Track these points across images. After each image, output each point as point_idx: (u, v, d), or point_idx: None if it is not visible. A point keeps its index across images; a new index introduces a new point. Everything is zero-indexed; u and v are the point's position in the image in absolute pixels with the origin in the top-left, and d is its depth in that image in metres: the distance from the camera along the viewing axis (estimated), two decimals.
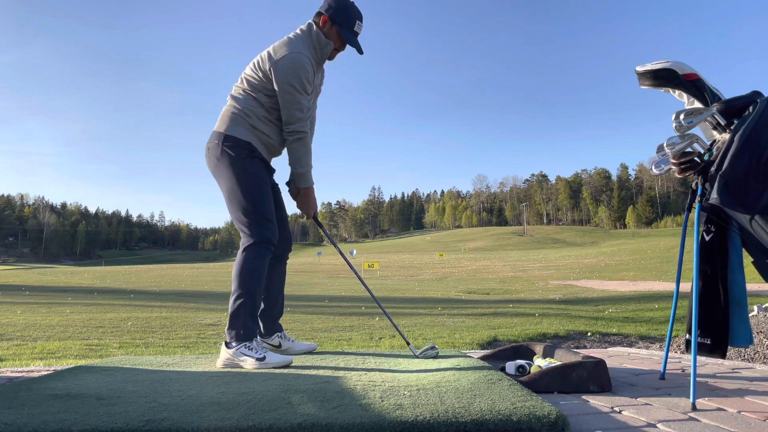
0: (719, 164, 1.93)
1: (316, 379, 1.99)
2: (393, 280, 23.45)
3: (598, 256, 41.85)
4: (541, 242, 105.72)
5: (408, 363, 2.38)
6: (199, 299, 11.29)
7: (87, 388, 1.83)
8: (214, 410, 1.51)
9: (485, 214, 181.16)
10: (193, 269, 38.21)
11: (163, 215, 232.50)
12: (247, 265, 2.44)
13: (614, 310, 8.32)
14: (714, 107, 2.00)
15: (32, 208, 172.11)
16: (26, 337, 4.94)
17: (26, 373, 2.41)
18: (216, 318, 7.02)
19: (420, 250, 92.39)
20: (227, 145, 2.50)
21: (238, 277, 2.43)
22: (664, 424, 1.50)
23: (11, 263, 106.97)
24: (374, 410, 1.48)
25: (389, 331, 5.58)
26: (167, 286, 17.26)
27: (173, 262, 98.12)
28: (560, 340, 4.96)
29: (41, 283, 18.59)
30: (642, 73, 2.26)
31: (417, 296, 12.80)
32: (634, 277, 20.01)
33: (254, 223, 2.46)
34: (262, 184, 2.54)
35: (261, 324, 2.69)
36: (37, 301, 10.15)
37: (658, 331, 5.54)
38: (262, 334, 2.70)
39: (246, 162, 2.51)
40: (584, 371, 1.94)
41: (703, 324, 2.10)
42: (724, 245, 2.10)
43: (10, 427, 1.34)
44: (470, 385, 1.81)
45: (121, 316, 7.22)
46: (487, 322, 6.38)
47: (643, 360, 2.77)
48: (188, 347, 4.40)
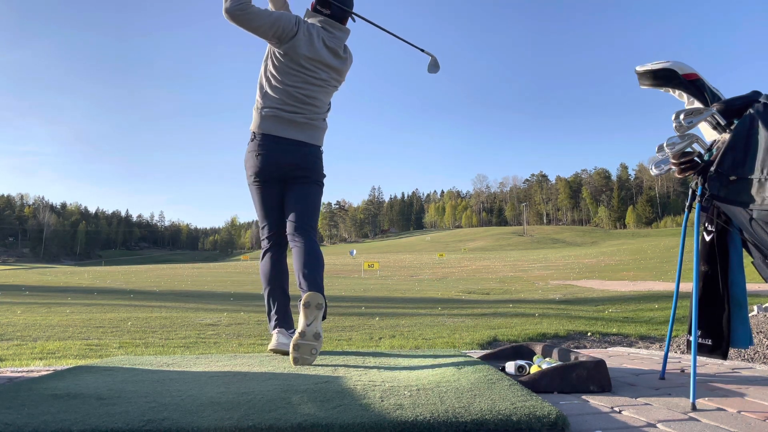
0: (719, 164, 1.93)
1: (316, 379, 1.99)
2: (393, 280, 23.45)
3: (598, 256, 41.85)
4: (541, 242, 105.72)
5: (408, 363, 2.38)
6: (199, 299, 11.29)
7: (87, 388, 1.83)
8: (214, 410, 1.51)
9: (485, 214, 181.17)
10: (193, 269, 38.23)
11: (163, 215, 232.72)
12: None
13: (614, 310, 8.32)
14: (714, 107, 2.00)
15: (32, 208, 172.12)
16: (26, 337, 4.94)
17: (26, 373, 2.41)
18: (216, 318, 7.02)
19: (420, 250, 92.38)
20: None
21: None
22: (664, 424, 1.50)
23: (11, 263, 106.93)
24: (374, 410, 1.48)
25: (389, 331, 5.58)
26: (167, 286, 17.26)
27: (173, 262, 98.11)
28: (560, 340, 4.96)
29: (41, 283, 18.59)
30: (642, 73, 2.26)
31: (417, 296, 12.80)
32: (634, 277, 20.02)
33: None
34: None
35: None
36: (37, 301, 10.14)
37: (658, 331, 5.54)
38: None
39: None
40: (584, 371, 1.94)
41: (703, 324, 2.10)
42: (724, 245, 2.10)
43: (10, 427, 1.34)
44: (470, 385, 1.81)
45: (121, 316, 7.22)
46: (487, 322, 6.38)
47: (643, 360, 2.77)
48: (188, 347, 4.40)
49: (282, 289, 2.77)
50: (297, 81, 2.65)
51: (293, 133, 2.63)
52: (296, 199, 2.68)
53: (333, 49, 2.71)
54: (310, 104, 2.67)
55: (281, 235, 2.76)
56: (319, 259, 2.57)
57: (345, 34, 2.77)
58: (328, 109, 2.83)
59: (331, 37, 2.71)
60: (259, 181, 2.69)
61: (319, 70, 2.68)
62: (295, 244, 2.63)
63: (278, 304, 2.75)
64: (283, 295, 2.77)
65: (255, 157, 2.65)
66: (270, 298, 2.76)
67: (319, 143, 2.75)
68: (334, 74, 2.75)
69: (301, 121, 2.65)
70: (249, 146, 2.69)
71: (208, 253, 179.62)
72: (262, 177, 2.67)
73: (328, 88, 2.76)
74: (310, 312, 2.32)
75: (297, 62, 2.63)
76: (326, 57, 2.68)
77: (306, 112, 2.66)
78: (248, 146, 2.69)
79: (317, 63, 2.67)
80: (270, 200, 2.73)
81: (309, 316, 2.32)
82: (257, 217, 2.83)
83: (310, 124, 2.68)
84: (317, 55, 2.65)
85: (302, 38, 2.62)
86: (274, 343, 2.68)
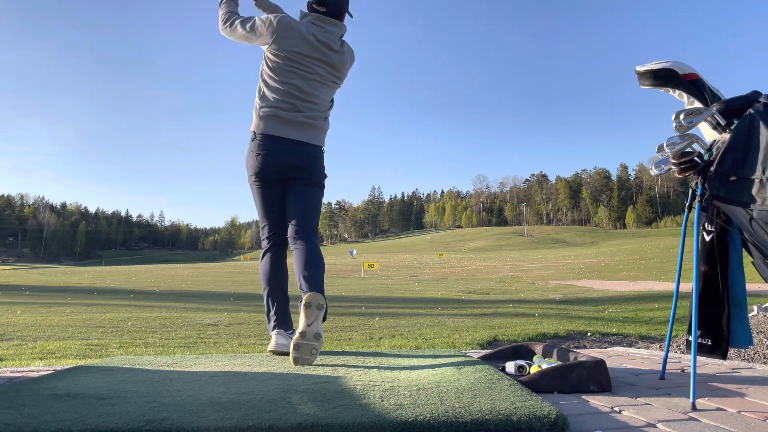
0: (719, 164, 1.93)
1: (316, 379, 1.99)
2: (393, 280, 23.45)
3: (598, 256, 41.85)
4: (541, 242, 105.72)
5: (408, 363, 2.38)
6: (198, 299, 11.29)
7: (87, 388, 1.83)
8: (214, 410, 1.51)
9: (485, 214, 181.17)
10: (193, 269, 38.22)
11: (163, 215, 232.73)
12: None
13: (614, 310, 8.32)
14: (714, 107, 2.00)
15: (32, 208, 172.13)
16: (26, 337, 4.94)
17: (26, 373, 2.41)
18: (216, 318, 7.02)
19: (420, 250, 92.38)
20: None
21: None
22: (664, 424, 1.50)
23: (11, 263, 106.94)
24: (374, 410, 1.48)
25: (389, 331, 5.58)
26: (167, 286, 17.26)
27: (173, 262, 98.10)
28: (560, 340, 4.96)
29: (41, 283, 18.59)
30: (642, 73, 2.25)
31: (417, 296, 12.80)
32: (634, 277, 20.02)
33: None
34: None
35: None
36: (37, 301, 10.14)
37: (658, 331, 5.54)
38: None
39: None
40: (584, 371, 1.94)
41: (703, 324, 2.10)
42: (724, 245, 2.10)
43: (10, 427, 1.34)
44: (470, 385, 1.81)
45: (121, 316, 7.22)
46: (487, 322, 6.38)
47: (643, 360, 2.77)
48: (188, 347, 4.40)
49: (281, 290, 2.77)
50: (292, 77, 2.65)
51: (293, 133, 2.63)
52: (297, 202, 2.68)
53: (325, 43, 2.69)
54: (308, 102, 2.66)
55: (281, 235, 2.76)
56: (320, 261, 2.57)
57: (338, 28, 2.75)
58: (330, 106, 2.82)
59: (323, 31, 2.70)
60: (259, 181, 2.69)
61: (313, 65, 2.67)
62: (296, 248, 2.63)
63: (277, 305, 2.75)
64: (282, 296, 2.77)
65: (255, 157, 2.65)
66: (269, 298, 2.76)
67: (320, 143, 2.74)
68: (329, 69, 2.73)
69: (301, 120, 2.64)
70: (249, 146, 2.69)
71: (208, 253, 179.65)
72: (262, 177, 2.68)
73: (326, 84, 2.73)
74: (311, 312, 2.33)
75: (289, 58, 2.64)
76: (318, 50, 2.68)
77: (305, 110, 2.65)
78: (249, 146, 2.70)
79: (309, 58, 2.66)
80: (270, 200, 2.73)
81: (310, 316, 2.32)
82: (258, 216, 2.84)
83: (310, 124, 2.67)
84: (308, 50, 2.66)
85: (290, 33, 2.64)
86: (273, 344, 2.68)
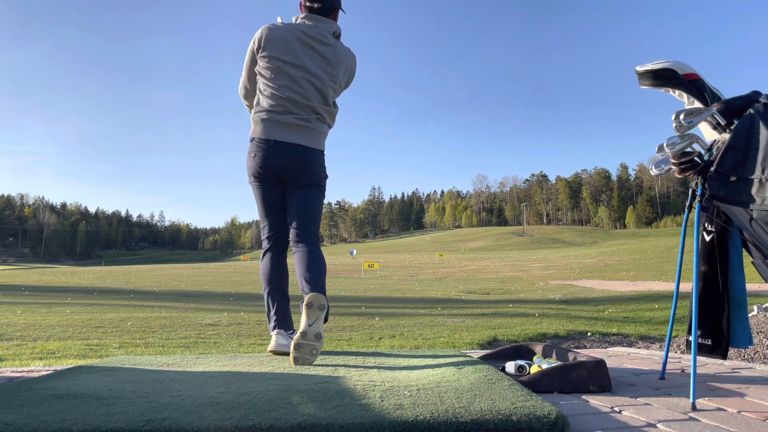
0: (719, 164, 1.93)
1: (316, 379, 1.99)
2: (393, 280, 23.45)
3: (598, 256, 41.85)
4: (541, 242, 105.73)
5: (408, 363, 2.38)
6: (198, 299, 11.29)
7: (87, 388, 1.83)
8: (214, 410, 1.51)
9: (485, 214, 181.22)
10: (193, 269, 38.22)
11: (163, 215, 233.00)
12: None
13: (614, 310, 8.32)
14: (714, 107, 2.00)
15: (32, 208, 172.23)
16: (26, 337, 4.94)
17: (26, 373, 2.41)
18: (216, 318, 7.02)
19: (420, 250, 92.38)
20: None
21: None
22: (664, 424, 1.50)
23: (11, 263, 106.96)
24: (374, 410, 1.48)
25: (389, 331, 5.58)
26: (167, 286, 17.26)
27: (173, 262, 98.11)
28: (560, 340, 4.96)
29: (41, 283, 18.59)
30: (642, 73, 2.25)
31: (417, 296, 12.80)
32: (634, 277, 20.02)
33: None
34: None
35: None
36: (37, 301, 10.14)
37: (658, 331, 5.54)
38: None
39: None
40: (584, 371, 1.94)
41: (703, 324, 2.10)
42: (724, 245, 2.10)
43: (10, 427, 1.34)
44: (470, 385, 1.81)
45: (121, 316, 7.22)
46: (487, 322, 6.38)
47: (643, 360, 2.77)
48: (188, 347, 4.40)
49: (281, 290, 2.77)
50: (284, 80, 2.63)
51: (288, 136, 2.60)
52: (296, 205, 2.67)
53: (314, 37, 2.67)
54: (302, 104, 2.63)
55: (281, 236, 2.76)
56: (321, 263, 2.57)
57: (328, 24, 2.72)
58: (331, 109, 2.76)
59: (312, 27, 2.69)
60: (257, 182, 2.70)
61: (304, 64, 2.64)
62: (297, 251, 2.63)
63: (278, 305, 2.75)
64: (282, 296, 2.77)
65: (252, 158, 2.65)
66: (269, 298, 2.76)
67: (317, 146, 2.69)
68: (322, 65, 2.67)
69: (296, 123, 2.61)
70: (248, 148, 2.70)
71: (208, 253, 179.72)
72: (260, 178, 2.68)
73: (321, 84, 2.67)
74: (312, 312, 2.33)
75: (278, 59, 2.63)
76: (307, 45, 2.65)
77: (299, 112, 2.62)
78: (248, 148, 2.71)
79: (300, 56, 2.64)
80: (269, 201, 2.73)
81: (311, 316, 2.33)
82: (258, 216, 2.84)
83: (305, 126, 2.63)
84: (298, 46, 2.64)
85: (276, 34, 2.64)
86: (273, 344, 2.68)
